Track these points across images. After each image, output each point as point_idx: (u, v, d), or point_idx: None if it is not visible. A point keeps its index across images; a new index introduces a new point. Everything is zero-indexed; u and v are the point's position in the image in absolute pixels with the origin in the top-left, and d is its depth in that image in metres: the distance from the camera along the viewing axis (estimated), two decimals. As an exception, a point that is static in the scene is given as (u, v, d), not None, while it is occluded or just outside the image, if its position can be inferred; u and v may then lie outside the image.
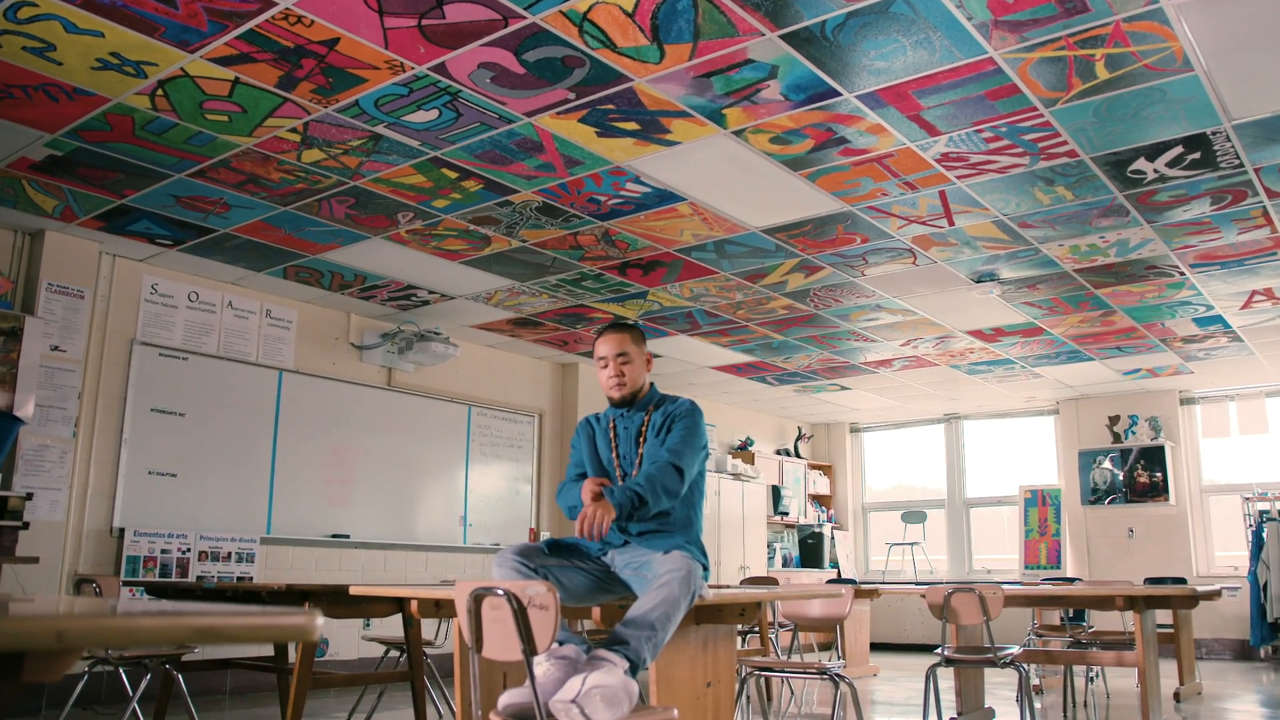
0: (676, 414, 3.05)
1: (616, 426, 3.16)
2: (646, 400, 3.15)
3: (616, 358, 3.10)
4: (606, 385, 3.14)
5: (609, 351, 3.11)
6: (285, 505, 6.52)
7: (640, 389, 3.15)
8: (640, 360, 3.15)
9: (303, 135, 4.27)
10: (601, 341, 3.14)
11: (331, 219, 5.26)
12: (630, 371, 3.11)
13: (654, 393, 3.20)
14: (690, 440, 2.98)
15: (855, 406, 10.91)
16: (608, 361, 3.11)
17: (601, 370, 3.15)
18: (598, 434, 3.20)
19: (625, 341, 3.13)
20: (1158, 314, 6.97)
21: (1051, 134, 4.19)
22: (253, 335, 6.53)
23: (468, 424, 7.88)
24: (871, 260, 5.88)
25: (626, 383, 3.10)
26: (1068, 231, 5.36)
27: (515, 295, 6.63)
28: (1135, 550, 9.68)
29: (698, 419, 3.06)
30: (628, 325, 3.19)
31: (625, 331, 3.16)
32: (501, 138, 4.27)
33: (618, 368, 3.10)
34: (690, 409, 3.08)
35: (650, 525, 2.92)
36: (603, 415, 3.26)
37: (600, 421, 3.24)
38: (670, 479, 2.84)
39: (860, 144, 4.30)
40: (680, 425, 3.01)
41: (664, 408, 3.10)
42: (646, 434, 3.07)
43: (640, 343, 3.19)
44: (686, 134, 4.23)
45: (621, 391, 3.10)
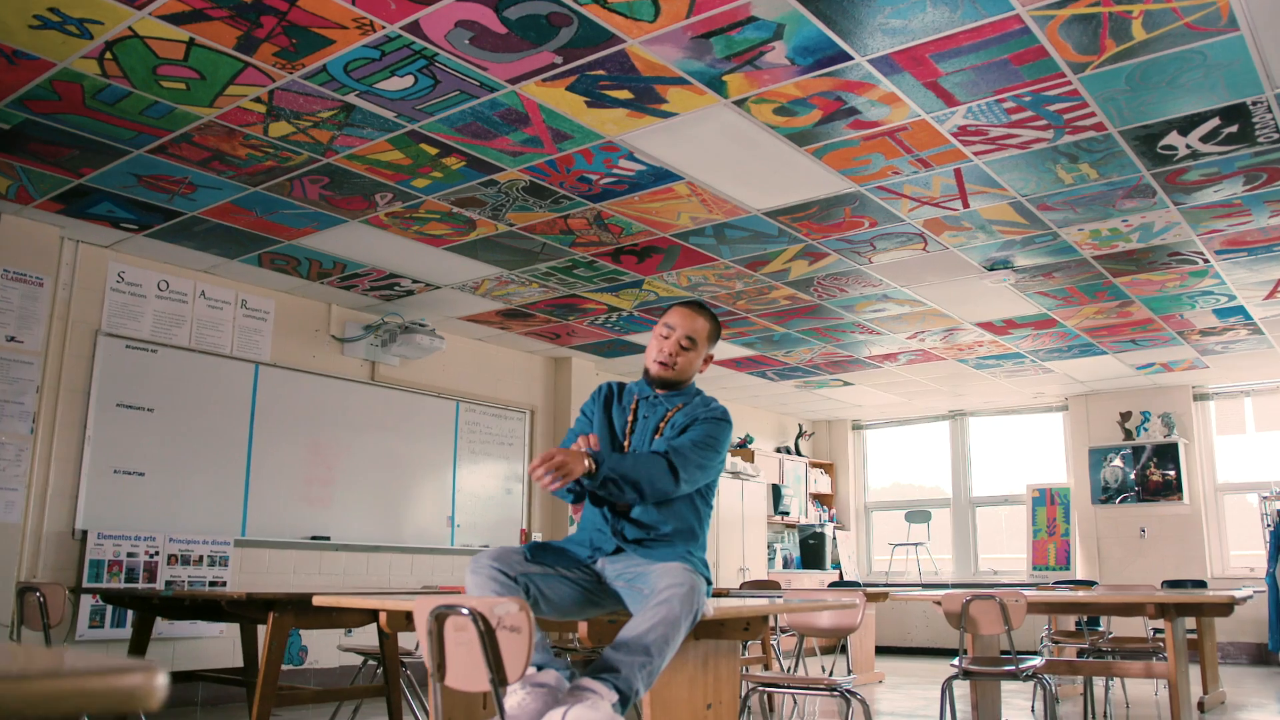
0: (700, 415, 2.73)
1: (640, 408, 2.83)
2: (680, 395, 2.84)
3: (684, 337, 2.80)
4: (654, 354, 2.82)
5: (680, 327, 2.81)
6: (261, 506, 6.19)
7: (683, 380, 2.85)
8: (701, 354, 2.85)
9: (268, 105, 3.94)
10: (677, 312, 2.84)
11: (305, 200, 4.93)
12: (686, 359, 2.81)
13: (692, 389, 2.89)
14: (703, 449, 2.66)
15: (858, 403, 10.59)
16: (671, 334, 2.80)
17: (658, 338, 2.82)
18: (615, 406, 2.86)
19: (701, 328, 2.82)
20: (1177, 304, 6.65)
21: (1079, 104, 3.86)
22: (227, 327, 6.20)
23: (455, 420, 7.55)
24: (880, 246, 5.56)
25: (677, 366, 2.79)
26: (1089, 215, 5.04)
27: (504, 284, 6.31)
28: (1147, 550, 9.37)
29: (721, 430, 2.73)
30: (711, 315, 2.90)
31: (706, 319, 2.85)
32: (483, 108, 3.94)
33: (677, 346, 2.79)
34: (719, 416, 2.76)
35: (648, 532, 2.60)
36: (629, 386, 2.92)
37: (624, 394, 2.90)
38: (659, 477, 2.52)
39: (872, 115, 3.98)
40: (700, 429, 2.70)
41: (696, 408, 2.78)
42: (665, 429, 2.75)
43: (712, 340, 2.89)
44: (684, 104, 3.90)
45: (665, 372, 2.79)
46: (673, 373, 2.77)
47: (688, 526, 2.68)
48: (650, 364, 2.81)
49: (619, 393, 2.91)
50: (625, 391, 2.91)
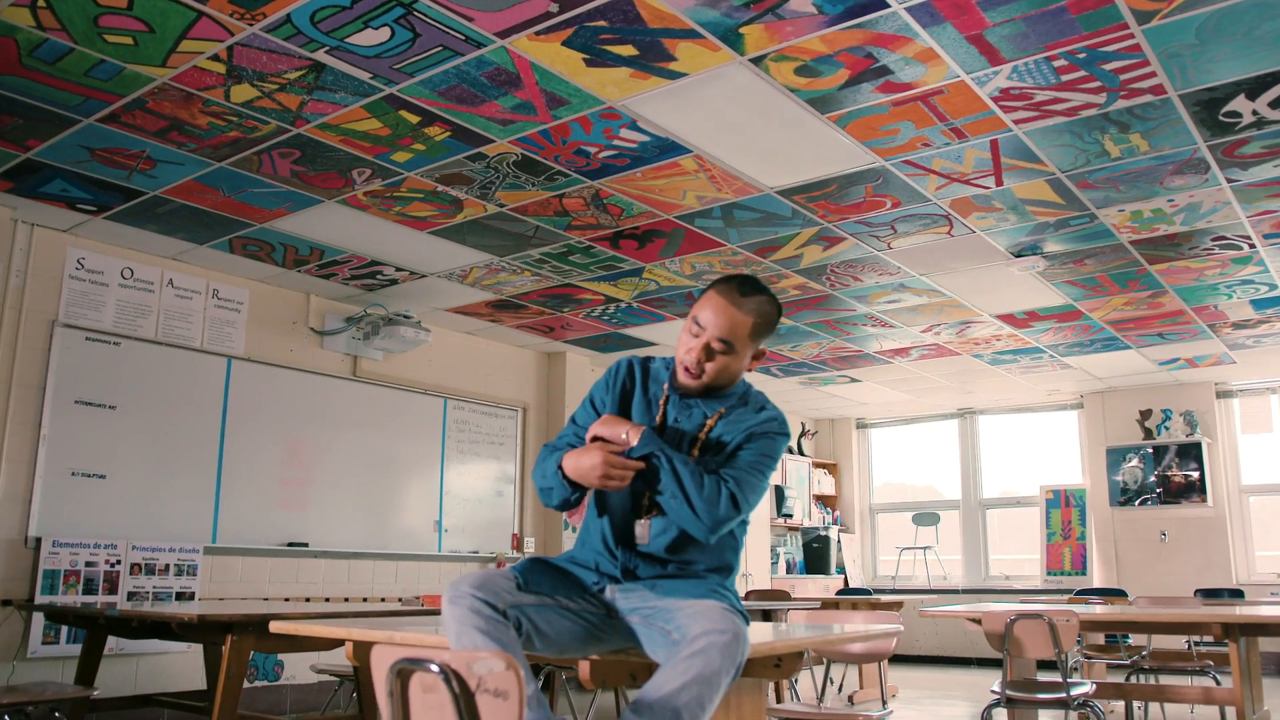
0: (758, 431, 2.18)
1: (669, 410, 2.24)
2: (723, 395, 2.25)
3: (716, 339, 2.16)
4: (680, 354, 2.21)
5: (711, 326, 2.15)
6: (234, 510, 5.75)
7: (723, 386, 2.25)
8: (744, 357, 2.22)
9: (228, 65, 3.50)
10: (711, 302, 2.17)
11: (275, 177, 4.49)
12: (720, 367, 2.18)
13: (739, 385, 2.29)
14: (762, 474, 2.16)
15: (863, 400, 10.17)
16: (701, 334, 2.17)
17: (687, 334, 2.19)
18: (636, 398, 2.28)
19: (741, 326, 2.15)
20: (1213, 295, 6.24)
21: (1138, 62, 3.44)
22: (197, 318, 5.75)
23: (443, 418, 7.11)
24: (901, 230, 5.13)
25: (707, 376, 2.18)
26: (1132, 193, 4.62)
27: (494, 272, 5.87)
28: (1168, 555, 8.96)
29: (780, 448, 2.22)
30: (762, 301, 2.19)
31: (749, 313, 2.16)
32: (469, 67, 3.51)
33: (705, 352, 2.16)
34: (779, 430, 2.22)
35: (667, 567, 2.14)
36: (656, 368, 2.32)
37: (649, 379, 2.29)
38: (722, 507, 2.05)
39: (905, 76, 3.55)
40: (755, 451, 2.17)
41: (744, 415, 2.21)
42: (706, 438, 2.20)
43: (761, 335, 2.22)
44: (695, 62, 3.47)
45: (690, 381, 2.20)
46: (699, 383, 2.20)
47: (721, 562, 2.20)
48: (678, 368, 2.22)
49: (643, 377, 2.29)
50: (651, 376, 2.30)
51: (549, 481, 2.19)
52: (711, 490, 2.05)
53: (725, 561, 2.22)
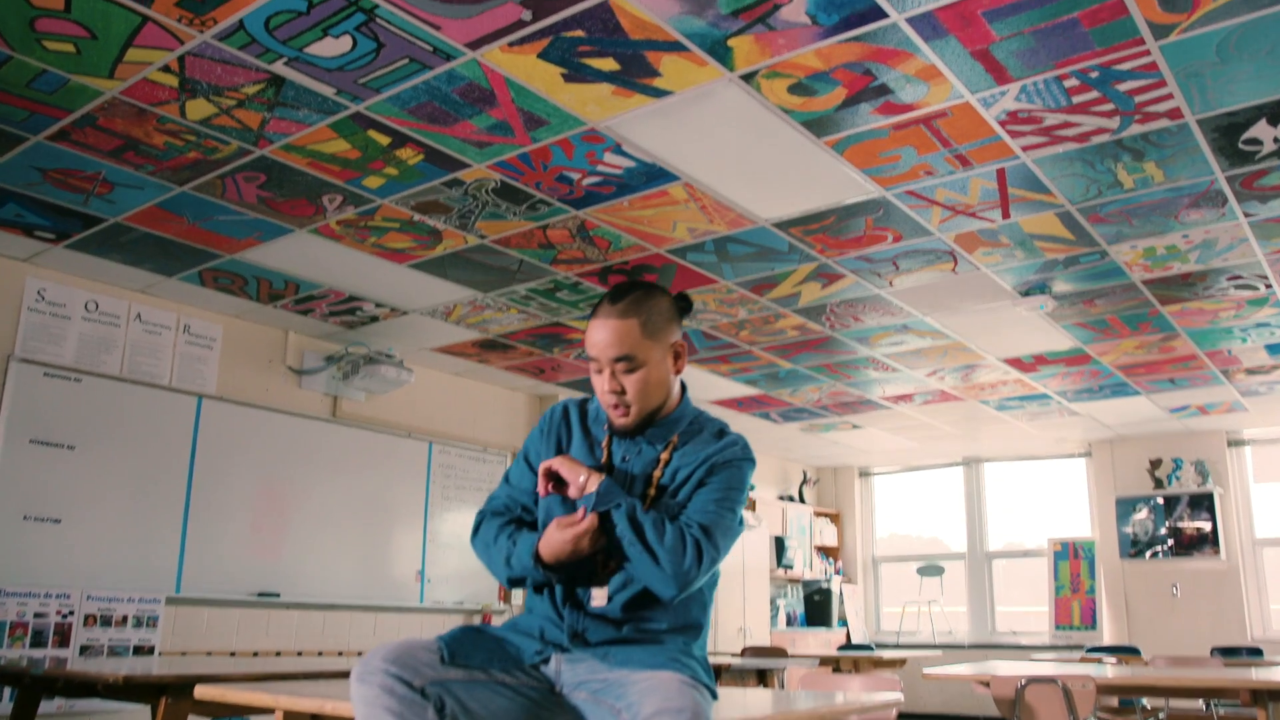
0: (719, 460, 1.91)
1: (614, 452, 1.98)
2: (670, 423, 1.98)
3: (615, 362, 1.91)
4: (602, 401, 1.97)
5: (604, 350, 1.91)
6: (200, 557, 5.45)
7: (660, 406, 1.96)
8: (660, 360, 1.93)
9: (180, 77, 3.27)
10: (595, 328, 1.93)
11: (241, 203, 4.25)
12: (639, 385, 1.91)
13: (685, 409, 2.01)
14: (730, 510, 1.88)
15: (866, 448, 9.88)
16: (600, 365, 1.93)
17: (593, 377, 1.97)
18: (575, 444, 2.02)
19: (632, 333, 1.89)
20: (1227, 338, 5.97)
21: (1155, 82, 3.21)
22: (166, 354, 5.50)
23: (428, 462, 6.83)
24: (903, 266, 4.89)
25: (633, 404, 1.92)
26: (1146, 228, 4.37)
27: (479, 310, 5.62)
28: (1181, 609, 8.60)
29: (746, 476, 1.94)
30: (636, 297, 1.94)
31: (633, 312, 1.90)
32: (439, 83, 3.28)
33: (616, 379, 1.91)
34: (742, 455, 1.95)
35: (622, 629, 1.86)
36: (593, 412, 2.06)
37: (586, 426, 2.04)
38: (687, 559, 1.77)
39: (906, 96, 3.32)
40: (720, 482, 1.89)
41: (700, 444, 1.94)
42: (661, 479, 1.92)
43: (660, 330, 1.94)
44: (681, 78, 3.24)
45: (626, 419, 1.93)
46: (634, 416, 1.93)
47: (687, 621, 1.90)
48: (609, 412, 1.96)
49: (581, 419, 2.04)
50: (591, 417, 2.05)
51: (518, 571, 1.91)
52: (674, 541, 1.78)
53: (691, 620, 1.92)
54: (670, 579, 1.76)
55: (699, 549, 1.78)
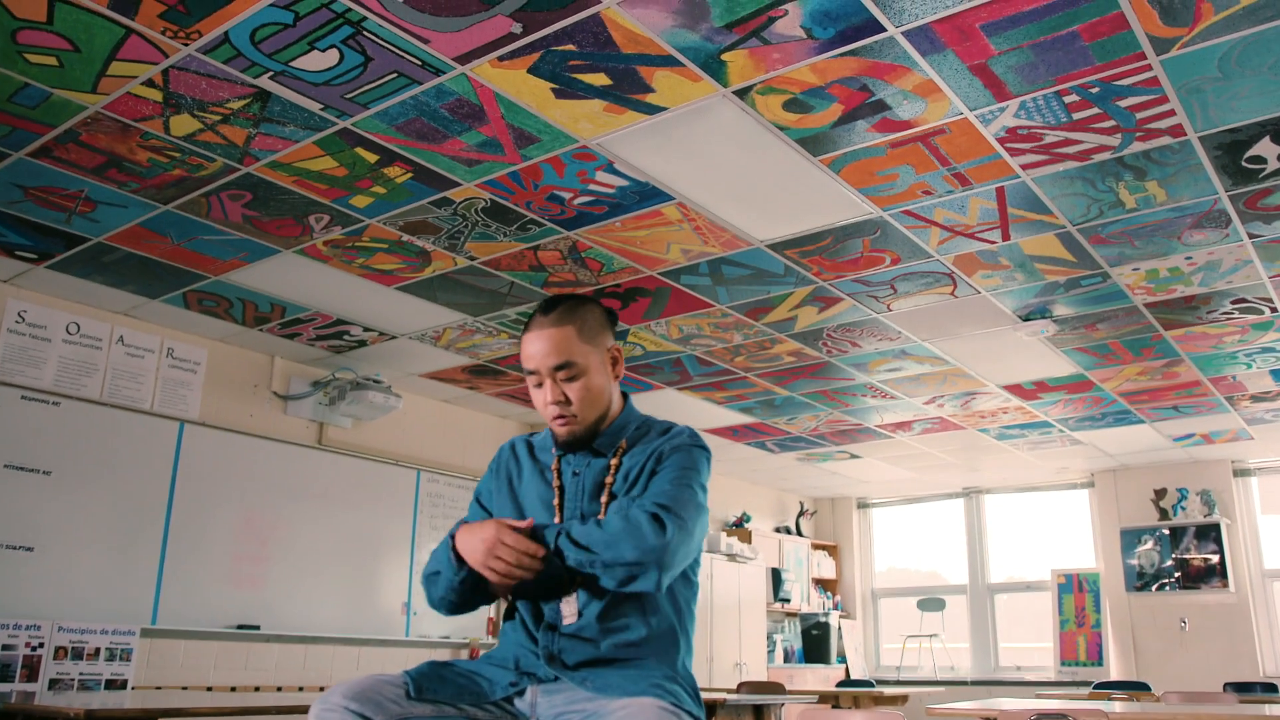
0: (666, 448, 1.87)
1: (563, 470, 1.93)
2: (616, 430, 1.93)
3: (554, 371, 1.86)
4: (545, 414, 1.91)
5: (542, 359, 1.86)
6: (178, 588, 5.31)
7: (604, 414, 1.92)
8: (599, 366, 1.90)
9: (164, 92, 3.20)
10: (529, 340, 1.89)
11: (226, 223, 4.17)
12: (582, 391, 1.86)
13: (630, 415, 1.97)
14: (687, 485, 1.80)
15: (864, 478, 9.75)
16: (541, 378, 1.88)
17: (533, 392, 1.92)
18: (526, 476, 1.96)
19: (568, 338, 1.86)
20: (1231, 364, 5.88)
21: (1156, 98, 3.14)
22: (148, 378, 5.40)
23: (416, 491, 6.71)
24: (901, 289, 4.80)
25: (579, 412, 1.87)
26: (1148, 250, 4.30)
27: (468, 334, 5.53)
28: (1190, 644, 8.45)
29: (700, 460, 1.88)
30: (569, 305, 1.91)
31: (568, 320, 1.88)
32: (428, 98, 3.21)
33: (557, 388, 1.87)
34: (691, 441, 1.90)
35: (600, 646, 1.75)
36: (540, 441, 2.02)
37: (535, 456, 1.99)
38: (648, 534, 1.68)
39: (903, 113, 3.25)
40: (672, 464, 1.84)
41: (647, 443, 1.90)
42: (614, 486, 1.86)
43: (596, 335, 1.92)
44: (674, 94, 3.17)
45: (571, 428, 1.88)
46: (579, 424, 1.88)
47: (667, 628, 1.80)
48: (553, 425, 1.92)
49: (529, 452, 2.00)
50: (538, 448, 2.00)
51: (436, 563, 1.85)
52: (623, 525, 1.70)
53: (668, 626, 1.81)
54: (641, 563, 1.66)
55: (659, 521, 1.70)
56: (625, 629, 1.74)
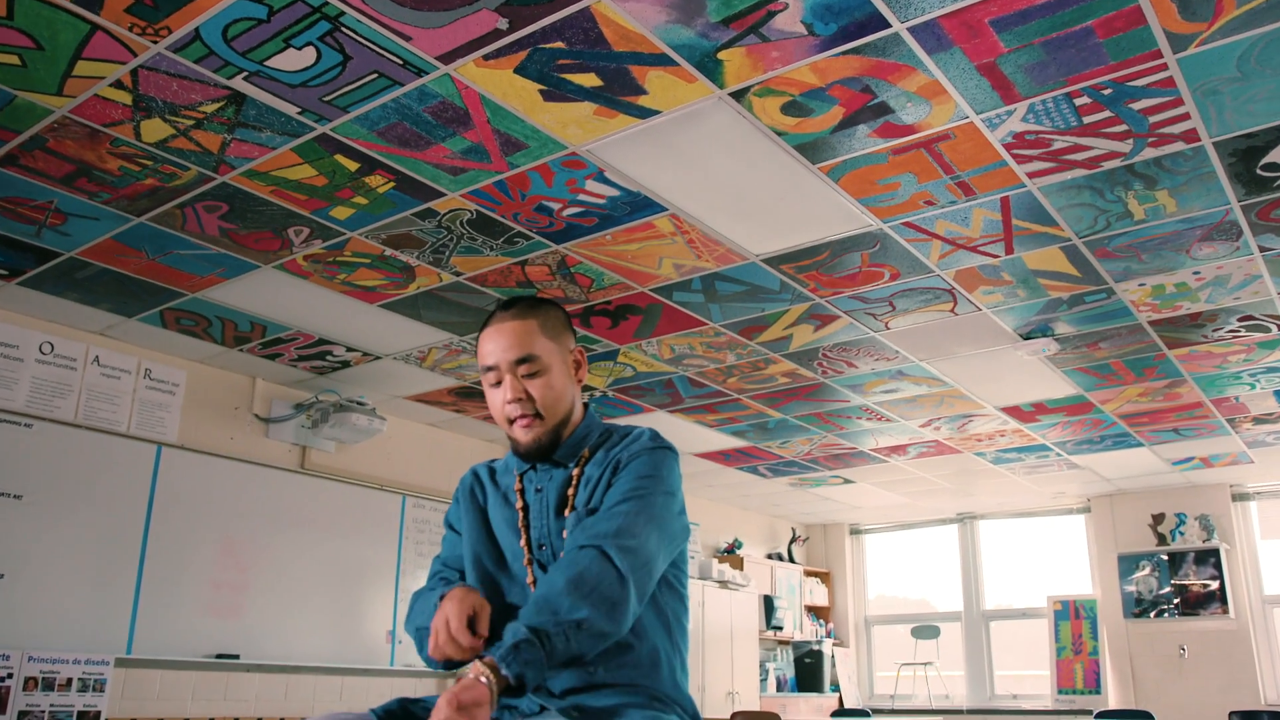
0: (625, 456, 1.71)
1: (525, 489, 1.79)
2: (577, 440, 1.79)
3: (515, 365, 1.73)
4: (501, 414, 1.77)
5: (503, 354, 1.74)
6: (155, 616, 5.11)
7: (566, 418, 1.77)
8: (561, 366, 1.77)
9: (134, 94, 3.06)
10: (489, 336, 1.78)
11: (202, 236, 4.02)
12: (544, 389, 1.73)
13: (591, 423, 1.83)
14: (641, 498, 1.63)
15: (857, 504, 9.59)
16: (500, 374, 1.75)
17: (492, 391, 1.79)
18: (491, 502, 1.84)
19: (529, 332, 1.74)
20: (1235, 384, 5.76)
21: (1171, 100, 3.02)
22: (125, 400, 5.22)
23: (401, 517, 6.52)
24: (900, 306, 4.67)
25: (542, 410, 1.73)
26: (1156, 264, 4.18)
27: (454, 354, 5.37)
28: (1189, 671, 8.28)
29: (662, 463, 1.71)
30: (529, 302, 1.81)
31: (529, 314, 1.77)
32: (410, 100, 3.07)
33: (518, 384, 1.73)
34: (651, 443, 1.73)
35: (595, 665, 1.59)
36: (502, 466, 1.89)
37: (498, 479, 1.87)
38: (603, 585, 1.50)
39: (907, 116, 3.13)
40: (627, 474, 1.68)
41: (608, 449, 1.76)
42: (578, 494, 1.72)
43: (558, 333, 1.80)
44: (667, 96, 3.04)
45: (534, 432, 1.73)
46: (543, 427, 1.73)
47: (656, 644, 1.65)
48: (512, 435, 1.77)
49: (491, 477, 1.88)
50: (500, 471, 1.88)
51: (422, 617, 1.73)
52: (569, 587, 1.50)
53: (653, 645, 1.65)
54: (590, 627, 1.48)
55: (604, 558, 1.53)
56: (615, 650, 1.58)
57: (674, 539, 1.67)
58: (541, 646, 1.42)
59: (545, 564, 1.72)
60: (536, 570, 1.72)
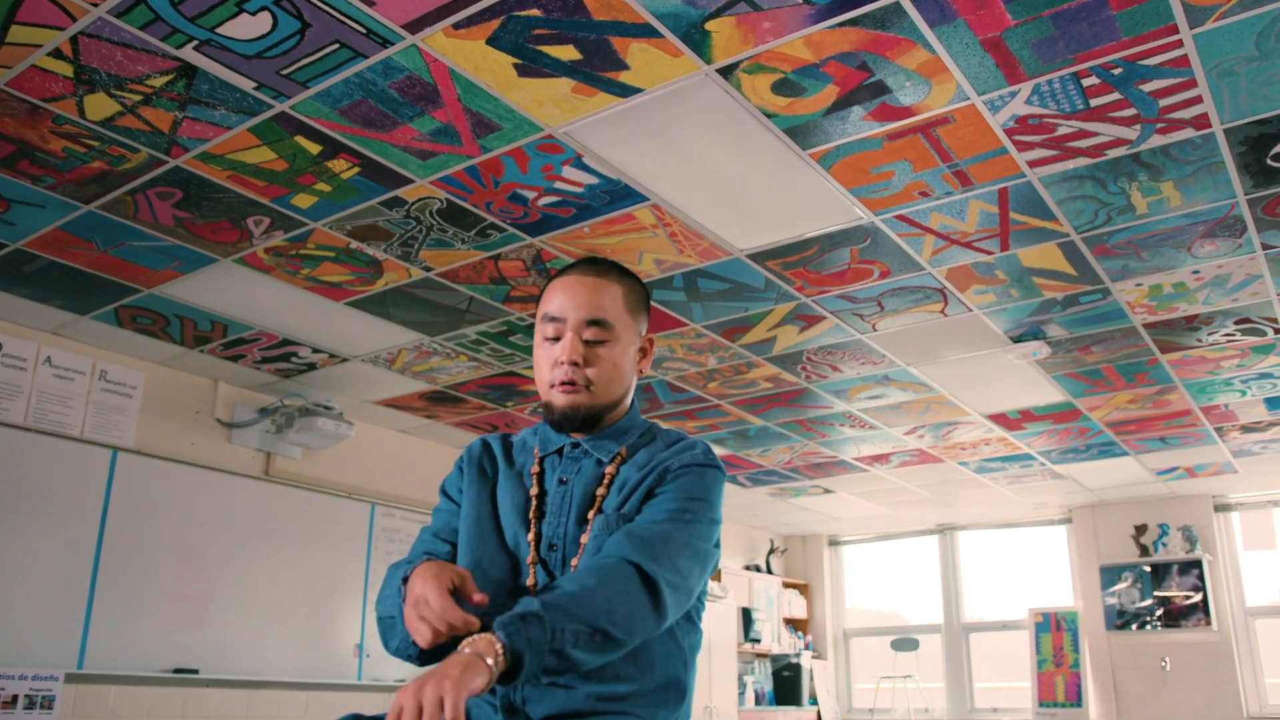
0: (669, 463, 1.50)
1: (545, 471, 1.57)
2: (617, 431, 1.58)
3: (585, 325, 1.53)
4: (547, 375, 1.54)
5: (572, 310, 1.53)
6: (108, 629, 4.85)
7: (614, 404, 1.57)
8: (629, 346, 1.58)
9: (75, 64, 2.83)
10: (558, 291, 1.57)
11: (156, 226, 3.79)
12: (605, 363, 1.53)
13: (634, 418, 1.63)
14: (689, 520, 1.44)
15: (836, 515, 9.42)
16: (563, 329, 1.54)
17: (546, 345, 1.56)
18: (502, 479, 1.59)
19: (612, 299, 1.55)
20: (1226, 391, 5.63)
21: (1184, 82, 2.87)
22: (78, 402, 4.96)
23: (370, 526, 6.27)
24: (889, 306, 4.50)
25: (595, 382, 1.52)
26: (1156, 262, 4.02)
27: (425, 356, 5.14)
28: (1171, 684, 8.15)
29: (711, 483, 1.52)
30: (617, 266, 1.62)
31: (616, 279, 1.59)
32: (375, 75, 2.86)
33: (578, 347, 1.51)
34: (704, 460, 1.53)
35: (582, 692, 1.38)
36: (519, 442, 1.66)
37: (513, 455, 1.63)
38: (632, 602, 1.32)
39: (905, 97, 2.95)
40: (677, 490, 1.47)
41: (652, 452, 1.54)
42: (608, 497, 1.50)
43: (638, 311, 1.62)
44: (651, 72, 2.85)
45: (575, 398, 1.52)
46: (590, 395, 1.52)
47: (664, 680, 1.44)
48: (549, 398, 1.55)
49: (505, 452, 1.64)
50: (516, 448, 1.65)
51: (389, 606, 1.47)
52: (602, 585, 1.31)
53: (670, 677, 1.45)
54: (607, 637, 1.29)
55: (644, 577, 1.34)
56: (612, 678, 1.37)
57: (708, 573, 1.49)
58: (549, 632, 1.22)
59: (553, 569, 1.48)
60: (541, 574, 1.49)
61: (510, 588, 1.48)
